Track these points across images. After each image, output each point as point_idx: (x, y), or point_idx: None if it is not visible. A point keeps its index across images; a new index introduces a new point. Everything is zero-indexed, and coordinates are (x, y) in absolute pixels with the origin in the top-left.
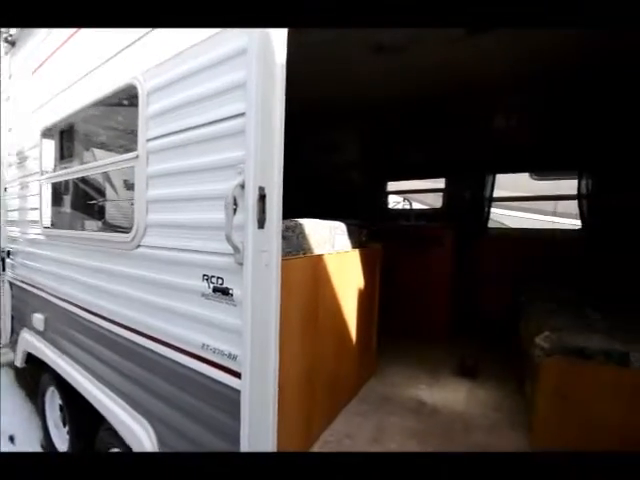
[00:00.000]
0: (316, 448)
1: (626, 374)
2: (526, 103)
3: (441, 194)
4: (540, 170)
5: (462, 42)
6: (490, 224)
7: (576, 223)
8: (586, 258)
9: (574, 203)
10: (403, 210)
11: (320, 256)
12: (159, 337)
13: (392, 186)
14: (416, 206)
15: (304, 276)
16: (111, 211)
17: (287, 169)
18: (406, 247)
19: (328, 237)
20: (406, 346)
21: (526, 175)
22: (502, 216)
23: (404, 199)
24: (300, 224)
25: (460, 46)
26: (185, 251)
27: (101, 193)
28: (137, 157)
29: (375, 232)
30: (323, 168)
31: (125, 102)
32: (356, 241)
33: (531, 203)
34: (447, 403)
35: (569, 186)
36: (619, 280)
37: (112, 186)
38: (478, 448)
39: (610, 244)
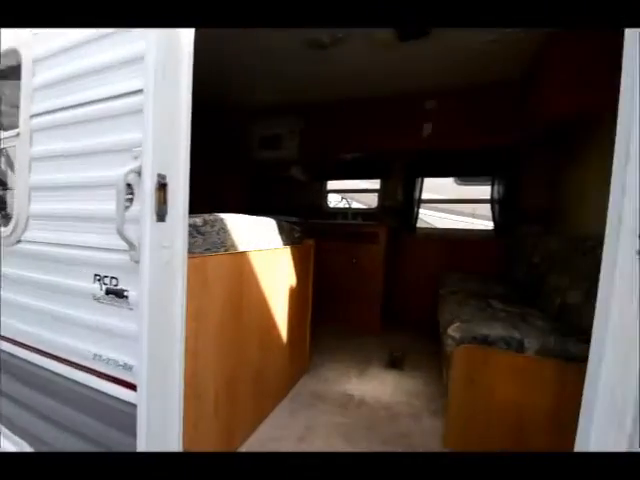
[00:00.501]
0: None
1: (521, 359)
2: (447, 111)
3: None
4: (461, 176)
5: (392, 47)
6: (419, 224)
7: (489, 224)
8: (495, 255)
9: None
10: (342, 209)
11: (245, 253)
12: (43, 348)
13: (333, 186)
14: (357, 205)
15: (225, 274)
16: None
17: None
18: (342, 244)
19: (256, 233)
20: (340, 341)
21: (452, 180)
22: (430, 217)
23: (342, 198)
24: (221, 219)
25: (391, 51)
26: (74, 247)
27: None
28: (18, 135)
29: (309, 229)
30: (264, 165)
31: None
32: (288, 238)
33: (455, 206)
34: (374, 395)
35: (487, 191)
36: (520, 274)
37: None
38: (401, 435)
39: (512, 243)
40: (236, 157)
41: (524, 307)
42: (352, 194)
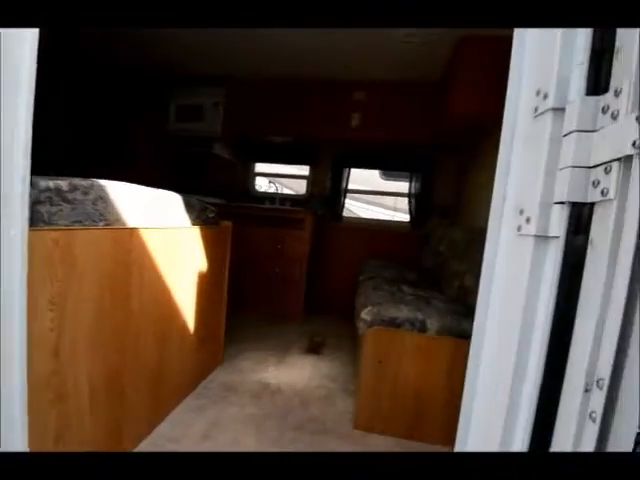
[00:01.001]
0: None
1: (424, 339)
2: (374, 104)
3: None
4: (385, 169)
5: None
6: (345, 213)
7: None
8: (411, 245)
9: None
10: (271, 194)
11: (136, 230)
12: None
13: (261, 169)
14: (287, 192)
15: (104, 253)
16: None
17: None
18: (268, 229)
19: (155, 209)
20: (261, 330)
21: (377, 175)
22: (356, 207)
23: (270, 182)
24: (100, 186)
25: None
26: None
27: None
28: None
29: (233, 212)
30: (183, 139)
31: None
32: (198, 217)
33: (379, 198)
34: (290, 381)
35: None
36: (429, 262)
37: None
38: (312, 420)
39: (425, 234)
40: (152, 127)
41: (430, 291)
42: (282, 179)
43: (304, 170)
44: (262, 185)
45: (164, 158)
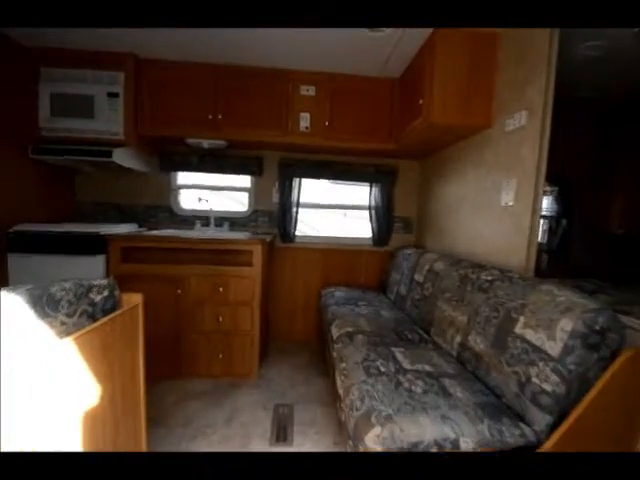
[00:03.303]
0: None
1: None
2: (326, 104)
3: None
4: (341, 180)
5: None
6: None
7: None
8: (375, 265)
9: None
10: (202, 212)
11: None
12: None
13: (187, 180)
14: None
15: None
16: None
17: None
18: (202, 267)
19: None
20: (202, 409)
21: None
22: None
23: (199, 199)
24: None
25: None
26: None
27: None
28: None
29: (140, 244)
30: (64, 142)
31: None
32: (71, 315)
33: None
34: None
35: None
36: (404, 291)
37: None
38: None
39: (390, 254)
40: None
41: (425, 349)
42: (217, 194)
43: (245, 181)
44: (187, 200)
45: (36, 169)
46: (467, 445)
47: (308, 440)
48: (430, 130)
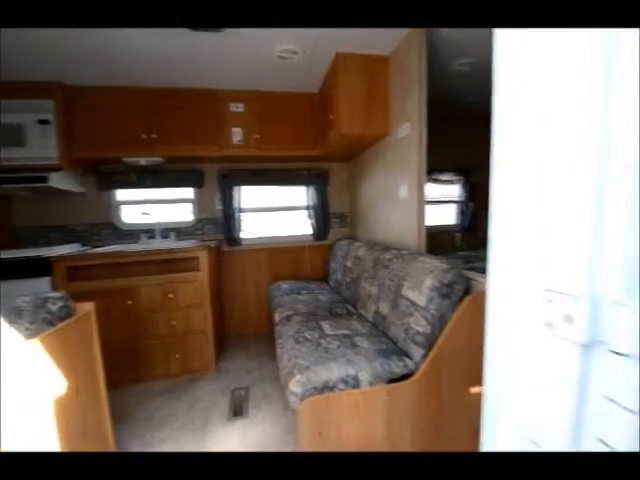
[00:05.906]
0: None
1: (358, 394)
2: (257, 118)
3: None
4: (277, 184)
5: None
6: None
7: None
8: (317, 258)
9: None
10: (146, 225)
11: None
12: None
13: (128, 196)
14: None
15: None
16: None
17: None
18: (151, 278)
19: None
20: (166, 402)
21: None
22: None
23: (143, 213)
24: None
25: (178, 37)
26: None
27: None
28: None
29: (87, 262)
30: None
31: None
32: (32, 322)
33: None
34: None
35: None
36: (339, 276)
37: None
38: None
39: (329, 247)
40: None
41: (349, 318)
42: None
43: (189, 193)
44: (130, 214)
45: None
46: (364, 377)
47: (261, 411)
48: (343, 139)
